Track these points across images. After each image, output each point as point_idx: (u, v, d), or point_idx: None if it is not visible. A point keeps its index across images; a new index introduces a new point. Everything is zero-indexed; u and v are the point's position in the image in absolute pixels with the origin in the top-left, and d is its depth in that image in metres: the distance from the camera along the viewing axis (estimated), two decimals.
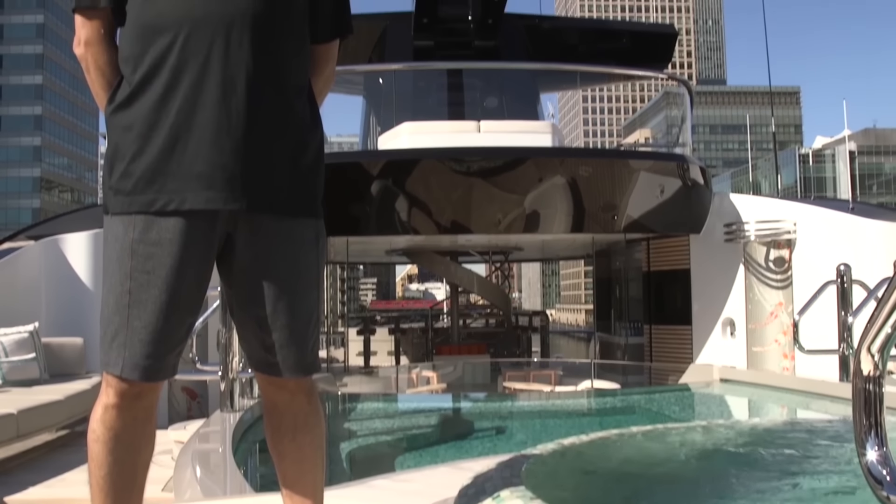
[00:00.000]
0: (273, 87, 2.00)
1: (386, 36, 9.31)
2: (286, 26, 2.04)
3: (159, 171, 1.93)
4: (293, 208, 2.06)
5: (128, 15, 2.01)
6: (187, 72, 1.92)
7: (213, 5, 1.94)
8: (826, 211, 8.58)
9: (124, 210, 1.96)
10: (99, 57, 2.08)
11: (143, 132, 1.94)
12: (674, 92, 12.46)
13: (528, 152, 7.66)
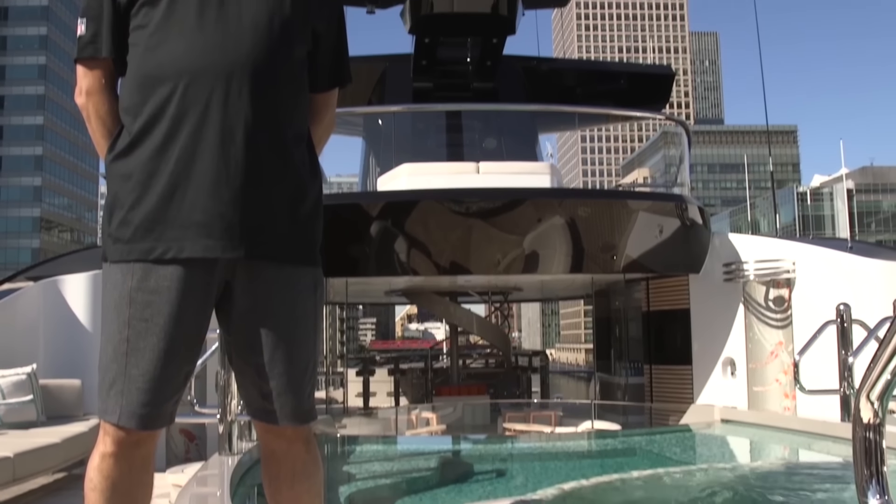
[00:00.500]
0: (272, 137, 2.02)
1: (385, 77, 9.37)
2: (286, 76, 2.06)
3: (158, 219, 1.94)
4: (291, 256, 2.07)
5: (129, 65, 2.03)
6: (187, 121, 1.94)
7: (213, 56, 1.96)
8: (825, 250, 8.59)
9: (123, 258, 1.97)
10: (100, 106, 2.10)
11: (142, 181, 1.95)
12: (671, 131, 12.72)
13: (526, 193, 7.68)
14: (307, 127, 2.19)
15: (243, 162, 1.96)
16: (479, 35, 8.38)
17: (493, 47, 8.42)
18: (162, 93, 1.95)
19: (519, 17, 8.21)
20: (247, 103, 1.97)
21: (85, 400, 6.82)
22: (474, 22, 8.18)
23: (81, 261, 8.53)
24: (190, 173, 1.94)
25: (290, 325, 2.07)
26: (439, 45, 8.49)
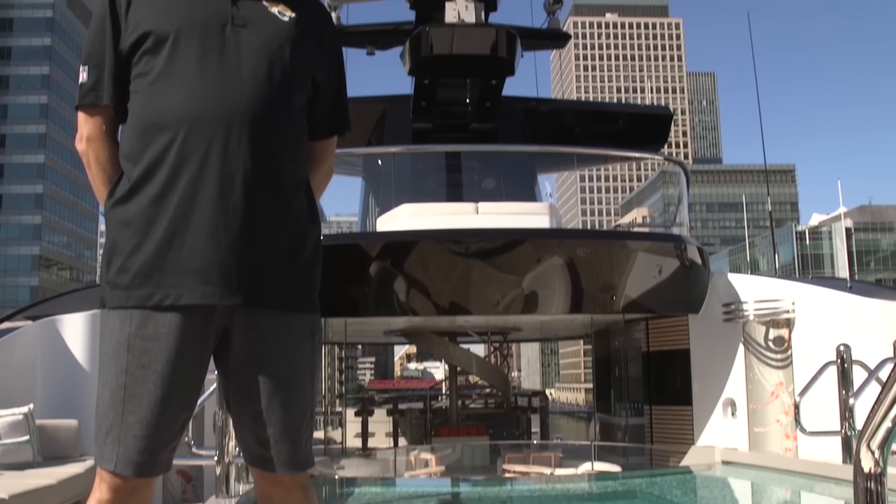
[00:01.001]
0: (271, 184, 2.03)
1: (385, 118, 9.43)
2: (285, 124, 2.08)
3: (156, 266, 1.94)
4: (290, 303, 2.08)
5: (130, 112, 2.05)
6: (186, 169, 1.95)
7: (213, 104, 1.97)
8: (824, 290, 8.58)
9: (121, 304, 1.97)
10: (100, 153, 2.11)
11: (141, 227, 1.96)
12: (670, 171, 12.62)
13: (525, 234, 7.69)
14: (306, 174, 2.20)
15: (242, 209, 1.97)
16: (478, 76, 8.44)
17: (492, 88, 8.47)
18: (162, 140, 1.97)
19: (518, 59, 8.28)
20: (246, 151, 1.98)
21: (82, 440, 6.78)
22: (473, 64, 8.25)
23: (80, 300, 8.52)
24: (189, 220, 1.95)
25: (287, 372, 2.07)
26: (439, 86, 8.54)
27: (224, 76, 2.00)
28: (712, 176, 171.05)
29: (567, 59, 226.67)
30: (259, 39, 2.07)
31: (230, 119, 1.97)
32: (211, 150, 1.96)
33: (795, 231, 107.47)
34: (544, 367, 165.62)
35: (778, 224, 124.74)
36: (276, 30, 2.11)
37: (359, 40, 9.88)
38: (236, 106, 1.99)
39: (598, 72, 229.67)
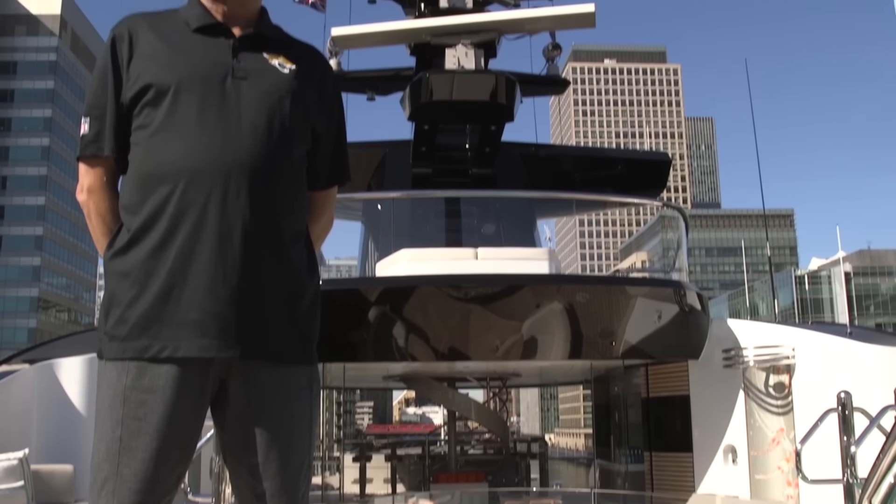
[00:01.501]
0: (270, 236, 2.03)
1: (385, 163, 9.47)
2: (284, 176, 2.09)
3: (154, 318, 1.94)
4: (288, 356, 2.07)
5: (130, 164, 2.06)
6: (185, 221, 1.96)
7: (212, 156, 1.98)
8: (824, 336, 8.55)
9: (118, 356, 1.97)
10: (100, 204, 2.12)
11: (139, 279, 1.96)
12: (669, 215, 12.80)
13: (525, 279, 7.69)
14: (305, 225, 2.21)
15: (241, 261, 1.97)
16: (477, 122, 8.48)
17: (491, 134, 8.51)
18: (162, 192, 1.98)
19: (517, 105, 8.33)
20: (245, 203, 1.99)
21: (77, 486, 6.72)
22: (473, 109, 8.29)
23: (78, 344, 8.49)
24: (187, 272, 1.95)
25: (284, 425, 2.06)
26: (438, 131, 8.58)
27: (224, 129, 2.01)
28: (711, 220, 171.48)
29: (566, 104, 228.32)
30: (259, 92, 2.09)
31: (229, 171, 1.98)
32: (210, 202, 1.97)
33: (795, 275, 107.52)
34: (543, 412, 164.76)
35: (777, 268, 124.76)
36: (276, 82, 2.13)
37: (359, 85, 9.96)
38: (236, 158, 2.00)
39: (597, 117, 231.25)
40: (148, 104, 2.04)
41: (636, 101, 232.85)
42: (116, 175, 2.16)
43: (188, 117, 2.01)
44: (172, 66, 2.06)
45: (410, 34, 8.33)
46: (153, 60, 2.08)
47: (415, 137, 8.66)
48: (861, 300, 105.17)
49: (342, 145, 2.35)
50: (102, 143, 2.11)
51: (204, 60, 2.09)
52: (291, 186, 2.12)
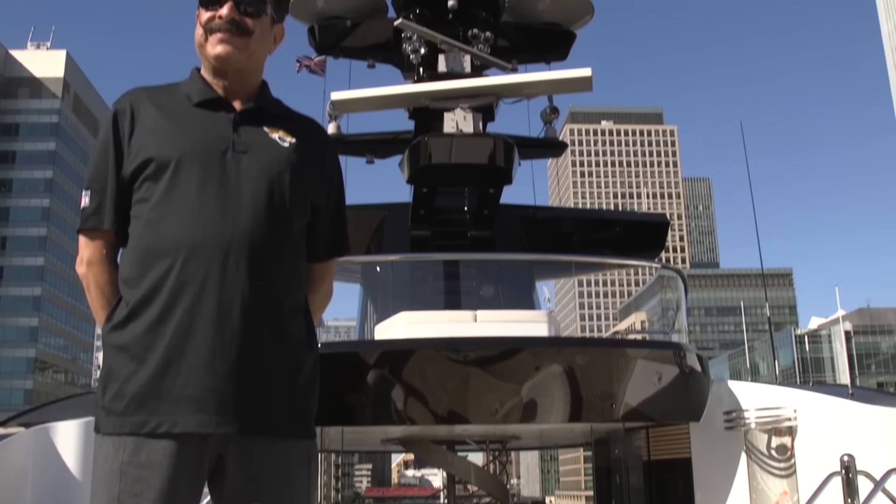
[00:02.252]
0: (269, 311, 2.04)
1: (384, 226, 9.50)
2: (284, 250, 2.10)
3: (152, 393, 1.94)
4: (286, 430, 2.06)
5: (130, 237, 2.08)
6: (184, 295, 1.96)
7: (212, 231, 2.00)
8: (825, 397, 8.50)
9: (115, 431, 1.96)
10: (100, 277, 2.13)
11: (137, 354, 1.96)
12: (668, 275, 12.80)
13: (524, 342, 7.66)
14: (304, 298, 2.21)
15: (239, 336, 1.97)
16: (476, 185, 8.52)
17: (490, 197, 8.54)
18: (161, 266, 1.99)
19: (516, 168, 8.38)
20: (244, 278, 1.99)
21: None
22: (472, 173, 8.34)
23: (75, 407, 8.42)
24: (185, 347, 1.95)
25: (283, 500, 2.04)
26: (437, 194, 8.62)
27: (223, 203, 2.03)
28: (710, 280, 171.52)
29: (564, 165, 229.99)
30: (259, 166, 2.11)
31: (229, 246, 1.99)
32: (209, 276, 1.97)
33: (795, 335, 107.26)
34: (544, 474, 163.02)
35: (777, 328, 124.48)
36: (276, 156, 2.15)
37: (358, 149, 10.04)
38: (235, 233, 2.01)
39: (595, 178, 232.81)
40: (149, 178, 2.06)
41: (634, 161, 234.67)
42: (116, 248, 2.17)
43: (188, 191, 2.03)
44: (173, 141, 2.08)
45: (409, 98, 8.41)
46: (154, 135, 2.11)
47: (413, 200, 8.69)
48: (862, 359, 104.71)
49: (341, 217, 2.36)
50: (103, 216, 2.13)
51: (205, 135, 2.11)
52: (291, 260, 2.13)
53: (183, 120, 2.14)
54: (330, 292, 2.44)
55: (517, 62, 9.71)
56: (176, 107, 2.17)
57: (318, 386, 2.17)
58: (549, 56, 9.98)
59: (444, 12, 8.73)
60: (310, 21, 9.35)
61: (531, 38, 9.86)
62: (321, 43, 9.56)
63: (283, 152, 2.16)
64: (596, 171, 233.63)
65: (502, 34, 9.44)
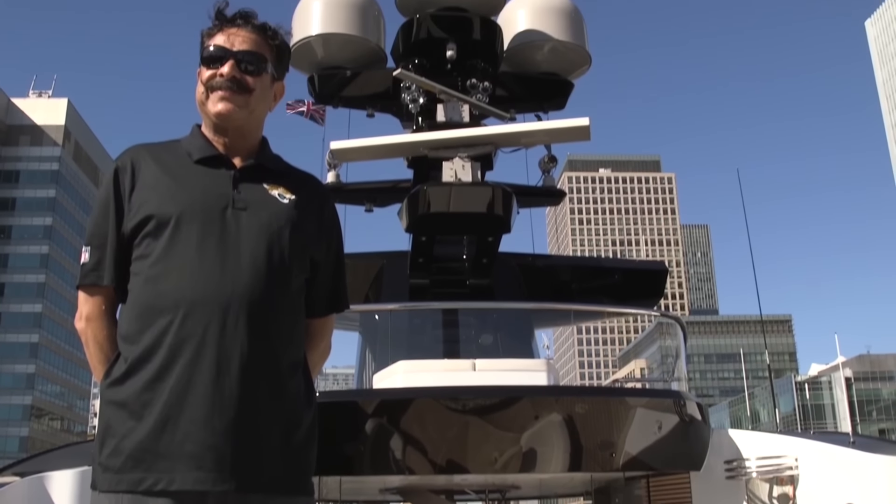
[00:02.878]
0: (267, 368, 2.05)
1: (382, 274, 9.50)
2: (283, 307, 2.11)
3: (149, 449, 1.94)
4: (283, 487, 2.06)
5: (129, 293, 2.09)
6: (183, 352, 1.97)
7: (211, 288, 2.01)
8: (827, 446, 8.45)
9: (112, 488, 1.95)
10: (98, 333, 2.14)
11: (135, 410, 1.96)
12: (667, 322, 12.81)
13: (523, 391, 7.64)
14: (303, 354, 2.22)
15: (237, 393, 1.98)
16: (475, 234, 8.54)
17: (488, 245, 8.56)
18: (160, 323, 2.00)
19: (514, 217, 8.40)
20: (243, 334, 2.00)
21: None
22: (470, 221, 8.36)
23: (71, 456, 8.35)
24: (183, 404, 1.95)
25: None
26: (436, 242, 8.63)
27: (223, 260, 2.05)
28: (709, 327, 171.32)
29: (562, 213, 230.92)
30: (259, 222, 2.13)
31: (228, 303, 2.00)
32: (208, 333, 1.98)
33: (795, 381, 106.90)
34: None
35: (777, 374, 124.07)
36: (276, 212, 2.17)
37: (357, 197, 10.06)
38: (234, 289, 2.02)
39: (594, 225, 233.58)
40: (149, 235, 2.08)
41: (632, 209, 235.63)
42: (115, 304, 2.18)
43: (188, 248, 2.05)
44: (174, 198, 2.11)
45: (408, 148, 8.46)
46: (155, 191, 2.13)
47: (412, 249, 8.70)
48: (863, 405, 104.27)
49: (340, 274, 2.38)
50: (102, 272, 2.15)
51: (205, 192, 2.14)
52: (290, 316, 2.14)
53: (183, 177, 2.17)
54: (328, 348, 2.45)
55: (515, 111, 9.77)
56: (177, 163, 2.20)
57: (316, 442, 2.17)
58: (547, 105, 10.05)
59: (442, 62, 8.81)
60: (310, 71, 9.42)
61: (529, 87, 9.93)
62: (321, 92, 9.63)
63: (282, 209, 2.19)
64: (594, 218, 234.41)
65: (500, 84, 9.51)
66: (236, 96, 2.24)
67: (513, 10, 9.54)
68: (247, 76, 2.26)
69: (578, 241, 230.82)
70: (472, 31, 8.91)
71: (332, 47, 9.18)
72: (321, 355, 2.42)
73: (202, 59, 2.27)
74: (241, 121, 2.26)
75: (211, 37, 2.30)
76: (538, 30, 9.37)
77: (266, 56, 2.31)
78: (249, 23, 2.31)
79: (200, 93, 2.26)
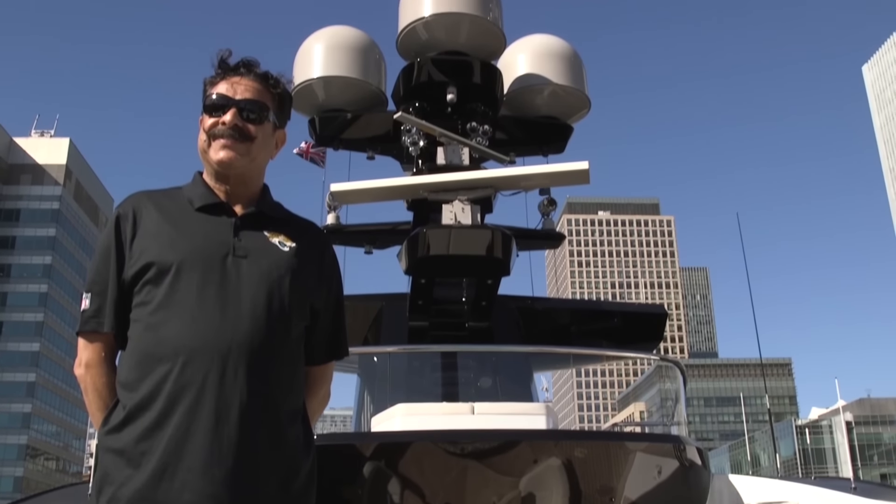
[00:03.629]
0: (267, 416, 2.04)
1: (382, 316, 9.48)
2: (283, 355, 2.11)
3: (147, 498, 1.93)
4: None
5: (129, 340, 2.09)
6: (182, 400, 1.97)
7: (211, 335, 2.01)
8: (828, 492, 8.36)
9: None
10: (98, 379, 2.14)
11: (133, 458, 1.95)
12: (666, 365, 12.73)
13: (522, 435, 7.59)
14: (303, 402, 2.21)
15: (236, 442, 1.97)
16: (474, 277, 8.53)
17: (488, 288, 8.55)
18: (160, 371, 1.99)
19: (513, 260, 8.40)
20: (243, 383, 2.00)
21: None
22: (470, 264, 8.35)
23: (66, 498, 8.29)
24: (182, 452, 1.94)
25: None
26: (435, 285, 8.62)
27: (223, 307, 2.05)
28: (709, 370, 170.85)
29: (561, 255, 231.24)
30: (259, 270, 2.14)
31: (228, 350, 2.00)
32: (207, 381, 1.98)
33: (795, 425, 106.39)
34: None
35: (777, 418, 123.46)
36: (276, 260, 2.18)
37: (357, 239, 10.06)
38: (234, 337, 2.02)
39: (593, 267, 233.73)
40: (149, 282, 2.08)
41: (631, 251, 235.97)
42: (115, 351, 2.18)
43: (188, 296, 2.05)
44: (174, 245, 2.12)
45: (408, 190, 8.49)
46: (156, 239, 2.14)
47: (412, 291, 8.69)
48: (864, 450, 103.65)
49: (340, 321, 2.38)
50: (103, 318, 2.15)
51: (206, 239, 2.15)
52: (290, 364, 2.14)
53: (185, 224, 2.18)
54: (328, 395, 2.44)
55: (515, 154, 9.81)
56: (178, 211, 2.22)
57: (315, 489, 2.16)
58: (546, 149, 10.09)
59: (442, 106, 8.86)
60: (311, 113, 9.48)
61: (529, 131, 9.98)
62: (322, 135, 9.68)
63: (283, 257, 2.19)
64: (594, 260, 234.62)
65: (500, 127, 9.56)
66: (238, 144, 2.26)
67: (513, 55, 9.61)
68: (249, 124, 2.29)
69: (578, 284, 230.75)
70: (472, 74, 8.97)
71: (333, 90, 9.25)
72: (320, 403, 2.42)
73: (205, 107, 2.29)
74: (242, 169, 2.27)
75: (213, 85, 2.33)
76: (538, 74, 9.44)
77: (268, 104, 2.34)
78: (252, 71, 2.34)
79: (203, 140, 2.28)
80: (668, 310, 10.92)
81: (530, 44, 9.77)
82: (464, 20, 8.64)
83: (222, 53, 2.34)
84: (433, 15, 8.58)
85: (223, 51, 2.35)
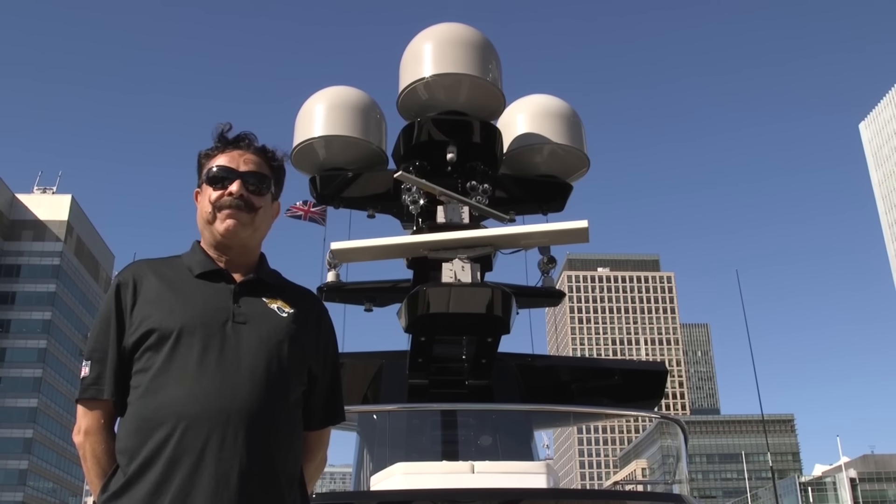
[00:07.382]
0: (266, 481, 2.06)
1: (381, 374, 9.45)
2: (281, 420, 2.14)
3: None
4: None
5: (129, 406, 2.12)
6: (182, 465, 1.99)
7: (210, 401, 2.04)
8: None
9: None
10: (97, 446, 2.16)
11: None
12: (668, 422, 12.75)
13: (522, 494, 7.54)
14: (300, 467, 2.23)
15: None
16: (474, 335, 8.53)
17: (488, 346, 8.54)
18: (159, 436, 2.01)
19: (513, 317, 8.41)
20: (242, 448, 2.02)
21: None
22: (470, 322, 8.35)
23: None
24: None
25: None
26: (435, 343, 8.62)
27: (222, 373, 2.08)
28: (710, 427, 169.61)
29: (562, 312, 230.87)
30: (259, 336, 2.17)
31: (227, 416, 2.03)
32: (207, 447, 2.00)
33: (799, 482, 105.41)
34: None
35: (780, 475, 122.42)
36: (275, 326, 2.22)
37: (357, 297, 10.07)
38: (233, 403, 2.05)
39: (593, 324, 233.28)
40: (150, 348, 2.11)
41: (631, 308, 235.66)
42: (114, 417, 2.21)
43: (188, 362, 2.08)
44: (175, 312, 2.15)
45: (408, 249, 8.52)
46: (157, 306, 2.17)
47: (411, 349, 8.68)
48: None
49: (337, 386, 2.41)
50: (102, 385, 2.18)
51: (205, 306, 2.18)
52: (288, 429, 2.16)
53: (185, 291, 2.22)
54: (324, 461, 2.46)
55: (515, 213, 9.86)
56: (178, 278, 2.26)
57: None
58: (546, 207, 10.14)
59: (443, 164, 8.93)
60: (311, 172, 9.55)
61: (529, 189, 10.04)
62: (322, 193, 9.74)
63: (282, 322, 2.23)
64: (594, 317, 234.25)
65: (500, 186, 9.62)
66: (244, 214, 2.31)
67: (512, 114, 9.71)
68: (253, 196, 2.35)
69: (578, 340, 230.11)
70: (472, 134, 9.06)
71: (333, 149, 9.34)
72: (317, 468, 2.43)
73: (208, 180, 2.35)
74: (247, 238, 2.33)
75: (211, 158, 2.40)
76: (537, 133, 9.52)
77: (269, 176, 2.41)
78: (252, 145, 2.41)
79: (207, 212, 2.34)
80: (669, 366, 10.84)
81: (529, 103, 9.88)
82: (464, 81, 8.75)
83: (222, 127, 2.41)
84: (434, 76, 8.69)
85: (223, 124, 2.42)
